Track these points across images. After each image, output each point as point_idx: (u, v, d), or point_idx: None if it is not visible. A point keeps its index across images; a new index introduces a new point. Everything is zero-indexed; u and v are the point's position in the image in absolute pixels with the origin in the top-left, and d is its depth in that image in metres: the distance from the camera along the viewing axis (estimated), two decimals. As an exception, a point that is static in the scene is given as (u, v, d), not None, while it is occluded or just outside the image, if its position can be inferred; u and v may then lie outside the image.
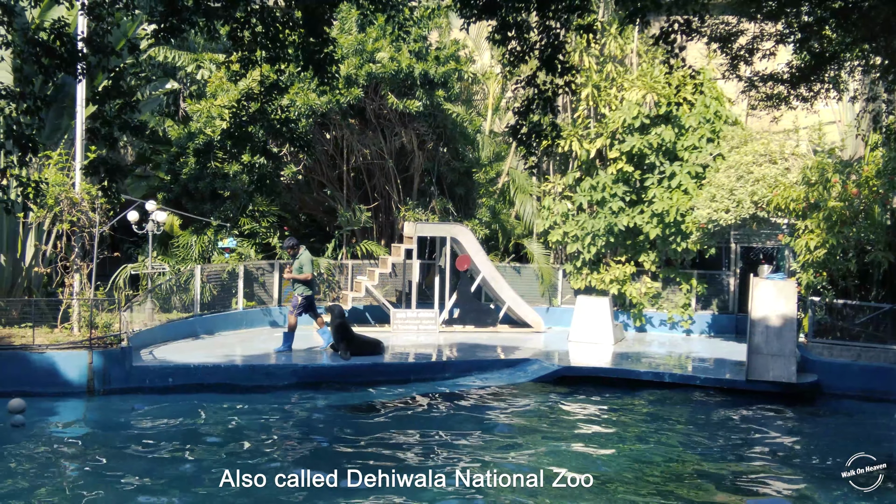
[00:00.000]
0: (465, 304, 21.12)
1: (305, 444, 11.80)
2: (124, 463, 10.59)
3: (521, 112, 9.58)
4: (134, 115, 9.95)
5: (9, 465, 10.31)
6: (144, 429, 12.29)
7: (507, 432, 12.66)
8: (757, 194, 17.78)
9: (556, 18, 9.09)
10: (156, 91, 23.50)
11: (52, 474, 10.07)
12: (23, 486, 9.57)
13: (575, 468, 10.97)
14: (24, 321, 15.28)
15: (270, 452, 11.22)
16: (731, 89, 21.75)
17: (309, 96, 19.50)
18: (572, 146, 21.31)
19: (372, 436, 12.07)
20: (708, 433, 12.99)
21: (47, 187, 14.86)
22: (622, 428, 13.20)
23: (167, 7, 8.87)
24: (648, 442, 12.36)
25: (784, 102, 16.67)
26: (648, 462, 11.29)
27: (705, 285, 21.60)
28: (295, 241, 16.97)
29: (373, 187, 22.99)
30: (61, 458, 10.74)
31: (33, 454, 10.79)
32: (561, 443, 12.14)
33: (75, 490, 9.53)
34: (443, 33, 24.15)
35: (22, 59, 9.83)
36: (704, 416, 14.20)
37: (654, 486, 10.31)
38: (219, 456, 11.09)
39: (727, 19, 14.94)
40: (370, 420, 13.12)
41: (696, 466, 11.23)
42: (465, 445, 11.78)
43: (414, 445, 11.70)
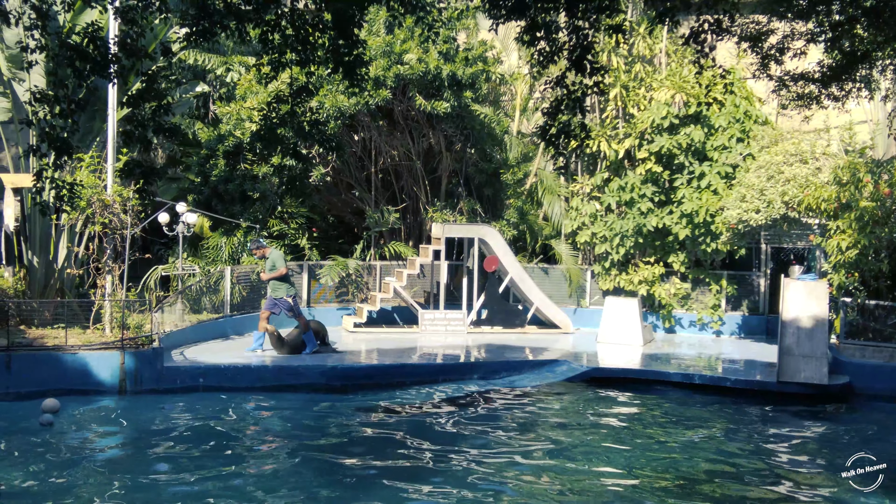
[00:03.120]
0: (493, 305, 21.12)
1: (334, 443, 11.84)
2: (154, 462, 10.68)
3: (550, 113, 9.57)
4: (167, 118, 10.05)
5: (42, 463, 10.43)
6: (175, 429, 12.39)
7: (535, 433, 12.65)
8: (788, 194, 17.64)
9: (586, 19, 9.06)
10: (186, 94, 23.67)
11: (83, 473, 10.17)
12: (55, 485, 9.69)
13: (604, 469, 10.95)
14: (56, 322, 15.45)
15: (301, 452, 11.28)
16: (761, 88, 21.62)
17: (337, 98, 19.57)
18: (601, 146, 21.26)
19: (401, 436, 12.10)
20: (738, 435, 12.91)
21: (81, 189, 15.01)
22: (651, 430, 13.15)
23: (199, 10, 8.93)
24: (679, 444, 12.30)
25: (815, 102, 16.51)
26: (678, 464, 11.24)
27: (735, 286, 21.47)
28: (260, 244, 16.61)
29: (401, 188, 23.04)
30: (93, 458, 10.85)
31: (66, 453, 10.91)
32: (590, 444, 12.11)
33: (107, 489, 9.63)
34: (470, 34, 24.15)
35: (56, 63, 9.92)
36: (734, 417, 14.11)
37: (683, 488, 10.27)
38: (248, 455, 11.17)
39: (757, 18, 14.82)
40: (400, 420, 13.15)
41: (725, 468, 11.16)
42: (493, 446, 11.78)
43: (441, 446, 11.71)
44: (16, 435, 11.66)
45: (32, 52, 9.46)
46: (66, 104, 9.03)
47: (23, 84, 17.05)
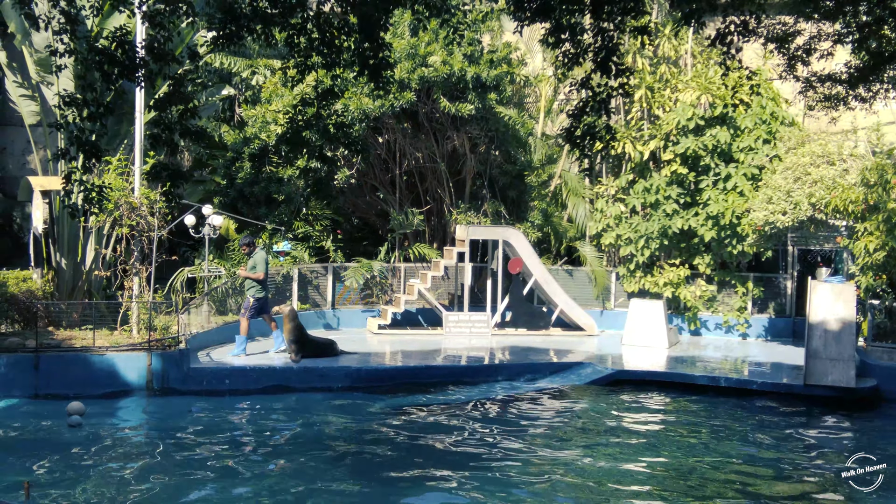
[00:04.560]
0: (518, 307, 21.09)
1: (360, 445, 11.87)
2: (182, 463, 10.76)
3: (575, 115, 9.56)
4: (194, 121, 10.11)
5: (70, 463, 10.54)
6: (201, 430, 12.48)
7: (559, 436, 12.63)
8: (815, 196, 17.51)
9: (611, 20, 9.04)
10: (212, 97, 23.82)
11: (110, 473, 10.26)
12: (83, 484, 9.78)
13: (628, 472, 10.92)
14: (84, 323, 15.59)
15: (327, 454, 11.32)
16: (787, 90, 21.47)
17: (362, 100, 19.63)
18: (626, 148, 21.20)
19: (426, 438, 12.12)
20: (764, 439, 12.82)
21: (110, 192, 15.13)
22: (676, 433, 13.10)
23: (226, 15, 8.99)
24: (704, 447, 12.24)
25: (842, 103, 16.39)
26: (704, 467, 11.19)
27: (762, 288, 21.34)
28: (251, 240, 16.67)
29: (425, 190, 23.07)
30: (120, 458, 10.94)
31: (94, 453, 11.01)
32: (615, 447, 12.08)
33: (134, 489, 9.70)
34: (495, 36, 24.15)
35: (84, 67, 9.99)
36: (760, 421, 14.02)
37: (709, 491, 10.22)
38: (272, 456, 11.23)
39: (783, 19, 14.73)
40: (425, 422, 13.17)
41: (750, 472, 11.10)
42: (517, 448, 11.77)
43: (466, 448, 11.72)
44: (43, 434, 11.79)
45: (62, 56, 9.53)
46: (94, 107, 9.09)
47: (51, 88, 17.23)
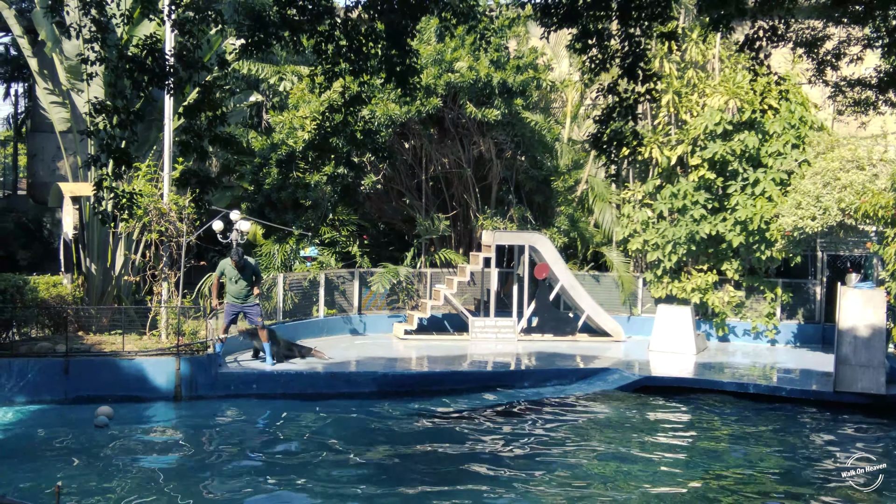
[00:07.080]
0: (544, 313, 21.05)
1: (387, 450, 11.90)
2: (210, 467, 10.83)
3: (602, 120, 9.53)
4: (222, 128, 10.19)
5: (100, 467, 10.63)
6: (230, 435, 12.55)
7: (586, 442, 12.59)
8: (844, 201, 17.35)
9: (638, 26, 9.01)
10: (240, 104, 23.97)
11: (140, 477, 10.34)
12: (112, 488, 9.86)
13: (656, 478, 10.87)
14: (114, 328, 15.72)
15: (356, 459, 11.35)
16: (816, 94, 21.31)
17: (388, 106, 19.68)
18: (653, 153, 21.10)
19: (453, 444, 12.12)
20: (793, 446, 12.73)
21: (140, 198, 15.27)
22: (705, 440, 13.02)
23: (254, 22, 9.07)
24: (733, 454, 12.17)
25: (872, 107, 16.26)
26: (732, 475, 11.12)
27: (790, 294, 21.17)
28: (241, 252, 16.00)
29: (451, 196, 23.08)
30: (149, 462, 11.03)
31: (122, 457, 11.11)
32: (642, 453, 12.03)
33: (163, 493, 9.77)
34: (521, 42, 24.13)
35: (115, 74, 10.09)
36: (790, 428, 13.91)
37: (738, 498, 10.15)
38: (299, 461, 11.27)
39: (812, 24, 14.63)
40: (451, 428, 13.17)
41: (779, 479, 11.02)
42: (544, 455, 11.75)
43: (492, 454, 11.71)
44: (73, 438, 11.90)
45: (92, 63, 9.64)
46: (124, 115, 9.18)
47: (81, 95, 17.41)
